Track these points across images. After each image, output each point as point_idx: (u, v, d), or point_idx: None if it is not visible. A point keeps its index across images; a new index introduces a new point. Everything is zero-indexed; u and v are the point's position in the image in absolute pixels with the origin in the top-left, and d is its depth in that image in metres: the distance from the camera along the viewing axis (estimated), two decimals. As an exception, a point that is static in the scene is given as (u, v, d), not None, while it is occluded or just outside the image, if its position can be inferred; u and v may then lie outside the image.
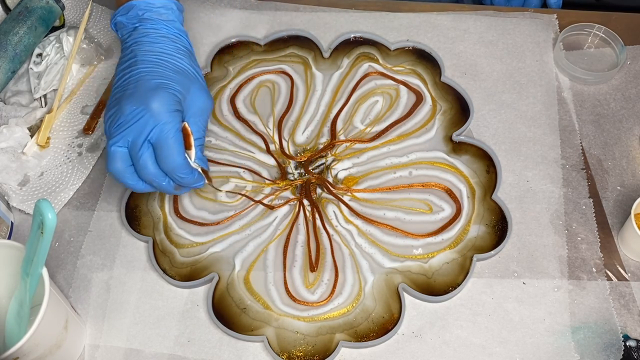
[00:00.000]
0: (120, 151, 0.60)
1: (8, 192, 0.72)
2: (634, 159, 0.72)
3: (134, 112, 0.60)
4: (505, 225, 0.67)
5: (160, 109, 0.60)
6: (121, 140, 0.60)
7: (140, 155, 0.60)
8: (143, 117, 0.59)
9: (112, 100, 0.63)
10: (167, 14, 0.66)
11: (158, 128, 0.60)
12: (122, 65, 0.64)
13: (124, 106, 0.60)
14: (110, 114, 0.62)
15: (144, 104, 0.60)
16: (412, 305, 0.64)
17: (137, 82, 0.62)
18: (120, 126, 0.60)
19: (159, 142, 0.60)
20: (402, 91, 0.77)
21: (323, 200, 0.70)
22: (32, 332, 0.53)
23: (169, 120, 0.60)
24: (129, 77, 0.63)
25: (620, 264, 0.66)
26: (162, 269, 0.66)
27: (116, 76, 0.65)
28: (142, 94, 0.60)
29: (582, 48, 0.81)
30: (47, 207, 0.52)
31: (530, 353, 0.61)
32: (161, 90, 0.61)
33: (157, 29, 0.65)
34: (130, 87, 0.62)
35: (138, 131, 0.60)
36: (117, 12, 0.67)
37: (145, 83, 0.61)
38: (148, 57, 0.63)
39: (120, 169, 0.61)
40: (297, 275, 0.66)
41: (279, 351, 0.62)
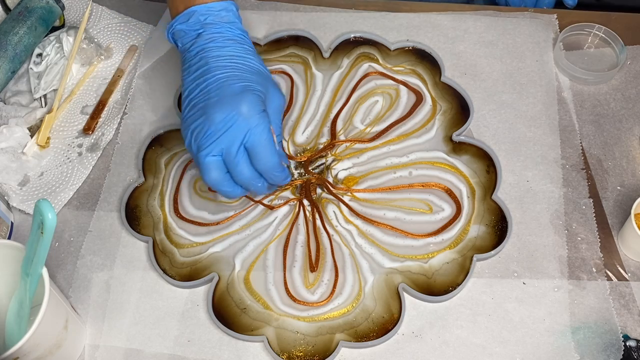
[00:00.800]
0: (215, 160, 0.60)
1: (8, 192, 0.72)
2: (634, 159, 0.72)
3: (225, 120, 0.59)
4: (505, 225, 0.67)
5: (250, 112, 0.60)
6: (215, 150, 0.60)
7: (237, 161, 0.60)
8: (236, 122, 0.59)
9: (192, 111, 0.62)
10: (228, 16, 0.65)
11: (252, 132, 0.60)
12: (194, 74, 0.63)
13: (212, 115, 0.59)
14: (196, 125, 0.61)
15: (235, 109, 0.59)
16: (412, 305, 0.64)
17: (219, 89, 0.61)
18: (211, 135, 0.59)
19: (254, 145, 0.60)
20: (402, 91, 0.77)
21: (323, 200, 0.70)
22: (32, 332, 0.53)
23: (261, 122, 0.60)
24: (207, 85, 0.62)
25: (620, 264, 0.66)
26: (162, 269, 0.66)
27: (187, 86, 0.63)
28: (229, 99, 0.60)
29: (582, 48, 0.81)
30: (47, 207, 0.52)
31: (530, 353, 0.61)
32: (248, 93, 0.60)
33: (221, 33, 0.64)
34: (213, 94, 0.61)
35: (232, 137, 0.59)
36: (175, 21, 0.65)
37: (228, 88, 0.61)
38: (221, 62, 0.63)
39: (218, 178, 0.61)
40: (297, 276, 0.66)
41: (279, 351, 0.62)
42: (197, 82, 0.63)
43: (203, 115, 0.60)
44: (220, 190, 0.62)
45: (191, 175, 0.73)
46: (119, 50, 0.84)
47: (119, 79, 0.81)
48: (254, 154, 0.61)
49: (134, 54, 0.83)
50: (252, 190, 0.63)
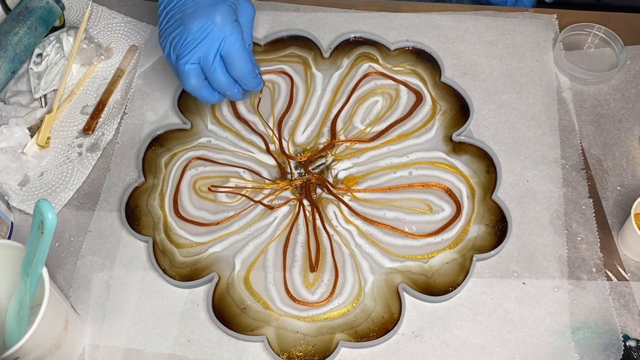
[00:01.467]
0: (193, 68, 0.64)
1: (8, 192, 0.72)
2: (634, 159, 0.72)
3: (201, 29, 0.63)
4: (505, 225, 0.67)
5: (224, 21, 0.64)
6: (193, 57, 0.64)
7: (214, 68, 0.64)
8: (211, 31, 0.63)
9: (169, 22, 0.66)
10: None
11: (227, 40, 0.64)
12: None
13: (189, 24, 0.64)
14: (174, 35, 0.65)
15: (210, 19, 0.63)
16: (412, 305, 0.64)
17: (194, 1, 0.65)
18: (189, 44, 0.64)
19: (230, 52, 0.64)
20: (402, 91, 0.77)
21: (323, 200, 0.70)
22: (32, 332, 0.53)
23: (234, 31, 0.64)
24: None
25: (620, 264, 0.66)
26: (162, 269, 0.66)
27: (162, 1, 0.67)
28: (204, 10, 0.64)
29: (582, 48, 0.81)
30: (47, 207, 0.52)
31: (530, 353, 0.61)
32: (221, 4, 0.64)
33: None
34: (189, 6, 0.65)
35: (209, 46, 0.63)
36: None
37: (202, 0, 0.64)
38: None
39: (196, 85, 0.65)
40: (297, 276, 0.66)
41: (279, 351, 0.62)
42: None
43: (181, 26, 0.64)
44: (199, 96, 0.67)
45: (191, 175, 0.73)
46: (119, 50, 0.84)
47: (119, 79, 0.81)
48: (229, 61, 0.65)
49: (134, 54, 0.83)
50: (228, 96, 0.68)
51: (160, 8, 0.68)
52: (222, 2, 0.65)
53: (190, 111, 0.77)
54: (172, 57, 0.65)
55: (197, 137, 0.75)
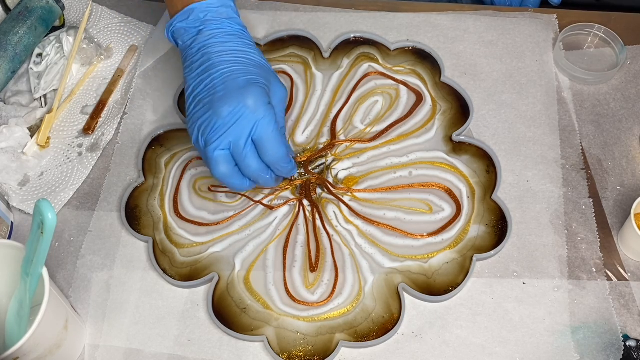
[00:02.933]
0: (223, 154, 0.61)
1: (8, 192, 0.72)
2: (634, 159, 0.72)
3: (232, 113, 0.60)
4: (505, 225, 0.67)
5: (257, 104, 0.60)
6: (223, 143, 0.60)
7: (245, 153, 0.61)
8: (242, 115, 0.60)
9: (198, 107, 0.62)
10: (227, 11, 0.66)
11: (259, 124, 0.60)
12: (197, 71, 0.63)
13: (219, 109, 0.60)
14: (203, 120, 0.61)
15: (241, 102, 0.60)
16: (412, 305, 0.64)
17: (224, 83, 0.61)
18: (219, 129, 0.60)
19: (262, 137, 0.61)
20: (402, 91, 0.77)
21: (323, 200, 0.70)
22: (32, 332, 0.53)
23: (267, 114, 0.61)
24: (211, 80, 0.62)
25: (620, 264, 0.66)
26: (162, 268, 0.66)
27: (190, 83, 0.64)
28: (235, 93, 0.60)
29: (582, 48, 0.81)
30: (47, 207, 0.52)
31: (530, 353, 0.61)
32: (253, 86, 0.61)
33: (222, 28, 0.65)
34: (218, 89, 0.61)
35: (240, 131, 0.60)
36: (174, 19, 0.66)
37: (233, 82, 0.61)
38: (224, 57, 0.63)
39: (226, 172, 0.62)
40: (297, 276, 0.66)
41: (279, 351, 0.62)
42: (201, 77, 0.63)
43: (210, 110, 0.61)
44: (229, 183, 0.63)
45: (191, 175, 0.73)
46: (119, 50, 0.84)
47: (119, 79, 0.81)
48: (261, 146, 0.61)
49: (134, 54, 0.83)
50: (260, 183, 0.64)
51: (188, 92, 0.64)
52: (254, 85, 0.61)
53: (190, 111, 0.77)
54: (201, 142, 0.62)
55: (197, 137, 0.75)
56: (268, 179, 0.64)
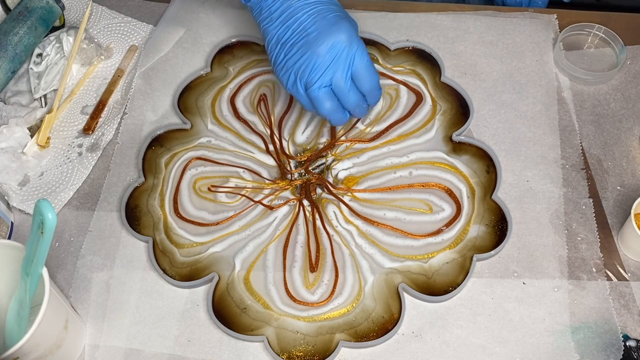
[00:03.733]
0: (326, 91, 0.63)
1: (8, 192, 0.72)
2: (634, 159, 0.72)
3: (330, 50, 0.62)
4: (505, 225, 0.67)
5: (351, 37, 0.62)
6: (325, 80, 0.63)
7: (347, 87, 0.63)
8: (340, 50, 0.62)
9: (291, 51, 0.64)
10: None
11: (356, 56, 0.63)
12: (279, 19, 0.65)
13: (317, 48, 0.62)
14: (301, 63, 0.63)
15: (337, 38, 0.62)
16: (412, 305, 0.64)
17: (315, 24, 0.63)
18: (319, 68, 0.62)
19: (359, 68, 0.63)
20: (402, 91, 0.77)
21: (323, 200, 0.70)
22: (32, 332, 0.53)
23: (360, 46, 0.63)
24: (299, 24, 0.64)
25: (620, 264, 0.66)
26: (162, 269, 0.66)
27: (273, 31, 0.65)
28: (328, 30, 0.62)
29: (582, 48, 0.81)
30: (47, 207, 0.52)
31: (530, 353, 0.61)
32: (343, 21, 0.63)
33: None
34: (310, 29, 0.63)
35: (340, 66, 0.62)
36: None
37: (323, 21, 0.63)
38: (304, 1, 0.64)
39: (332, 107, 0.64)
40: (297, 276, 0.66)
41: (279, 351, 0.62)
42: (286, 24, 0.65)
43: (308, 52, 0.63)
44: (334, 118, 0.65)
45: (191, 175, 0.73)
46: (119, 50, 0.84)
47: (119, 79, 0.81)
48: (359, 77, 0.64)
49: (134, 54, 0.83)
50: (356, 113, 0.66)
51: (273, 41, 0.66)
52: (344, 19, 0.63)
53: (190, 111, 0.77)
54: (300, 86, 0.64)
55: (197, 137, 0.75)
56: (364, 109, 0.67)
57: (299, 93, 0.65)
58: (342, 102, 0.65)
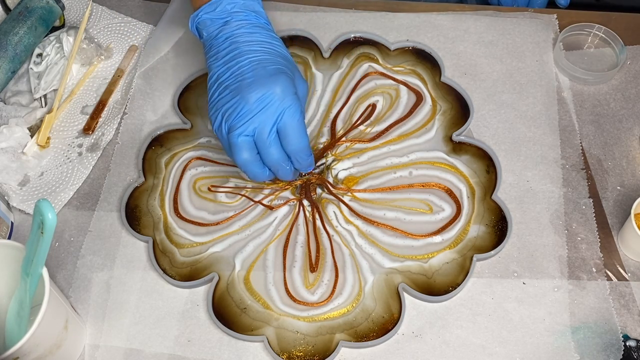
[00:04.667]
0: (247, 140, 0.61)
1: (8, 192, 0.72)
2: (634, 159, 0.72)
3: (260, 99, 0.60)
4: (505, 225, 0.67)
5: (285, 92, 0.61)
6: (248, 129, 0.61)
7: (269, 141, 0.61)
8: (270, 102, 0.60)
9: (224, 93, 0.63)
10: (253, 4, 0.67)
11: (285, 112, 0.61)
12: (223, 59, 0.64)
13: (247, 95, 0.61)
14: (229, 106, 0.62)
15: (270, 90, 0.60)
16: (412, 305, 0.64)
17: (253, 71, 0.62)
18: (245, 115, 0.60)
19: (287, 125, 0.61)
20: (402, 91, 0.77)
21: (323, 200, 0.70)
22: (32, 332, 0.53)
23: (294, 103, 0.61)
24: (239, 68, 0.63)
25: (620, 264, 0.66)
26: (162, 268, 0.66)
27: (215, 70, 0.65)
28: (264, 80, 0.61)
29: (582, 48, 0.81)
30: (47, 207, 0.52)
31: (530, 353, 0.61)
32: (282, 75, 0.62)
33: (249, 20, 0.66)
34: (247, 75, 0.62)
35: (266, 117, 0.60)
36: (200, 10, 0.67)
37: (262, 70, 0.62)
38: (252, 47, 0.64)
39: (248, 159, 0.62)
40: (297, 276, 0.66)
41: (279, 351, 0.62)
42: (228, 65, 0.64)
43: (237, 96, 0.61)
44: (250, 171, 0.63)
45: (191, 175, 0.73)
46: (119, 50, 0.84)
47: (119, 79, 0.81)
48: (285, 135, 0.61)
49: (134, 54, 0.83)
50: (279, 173, 0.64)
51: (213, 79, 0.65)
52: (283, 73, 0.62)
53: (190, 111, 0.77)
54: (224, 128, 0.62)
55: (197, 137, 0.75)
56: (287, 170, 0.64)
57: (222, 136, 0.63)
58: (262, 157, 0.62)
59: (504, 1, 0.87)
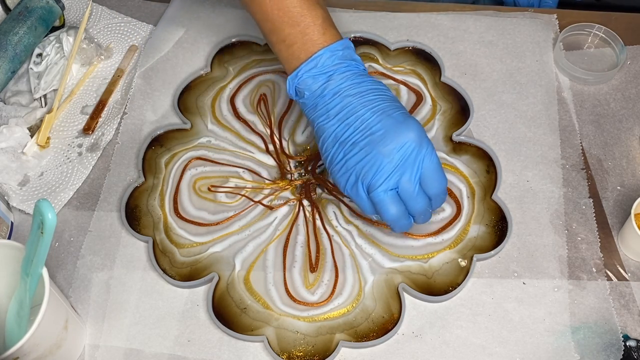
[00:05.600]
0: (392, 195, 0.58)
1: (8, 192, 0.72)
2: (634, 159, 0.72)
3: (400, 150, 0.57)
4: (505, 225, 0.67)
5: (421, 137, 0.58)
6: (391, 183, 0.58)
7: (417, 192, 0.58)
8: (412, 151, 0.58)
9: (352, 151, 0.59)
10: (350, 53, 0.63)
11: (426, 157, 0.58)
12: (337, 116, 0.60)
13: (383, 148, 0.58)
14: (365, 163, 0.58)
15: (407, 138, 0.58)
16: (412, 305, 0.64)
17: (380, 122, 0.59)
18: (385, 170, 0.58)
19: (429, 171, 0.58)
20: (402, 91, 0.77)
21: (323, 200, 0.70)
22: (32, 332, 0.53)
23: (430, 146, 0.59)
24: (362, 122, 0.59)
25: (620, 264, 0.66)
26: (162, 268, 0.66)
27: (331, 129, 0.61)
28: (398, 130, 0.58)
29: (582, 48, 0.81)
30: (47, 207, 0.52)
31: (530, 353, 0.61)
32: (411, 120, 0.59)
33: (351, 70, 0.62)
34: (375, 128, 0.59)
35: (409, 168, 0.58)
36: (299, 70, 0.61)
37: (389, 119, 0.59)
38: (367, 97, 0.60)
39: (397, 213, 0.59)
40: (297, 276, 0.66)
41: (279, 351, 0.62)
42: (346, 122, 0.60)
43: (372, 151, 0.58)
44: (399, 224, 0.60)
45: (191, 175, 0.73)
46: (119, 50, 0.84)
47: (119, 79, 0.81)
48: (428, 180, 0.59)
49: (134, 54, 0.83)
50: (420, 220, 0.61)
51: (330, 139, 0.61)
52: (411, 117, 0.59)
53: (190, 111, 0.77)
54: (361, 187, 0.59)
55: (197, 137, 0.75)
56: (429, 214, 0.61)
57: (359, 196, 0.60)
58: (407, 207, 0.59)
59: (520, 0, 0.87)
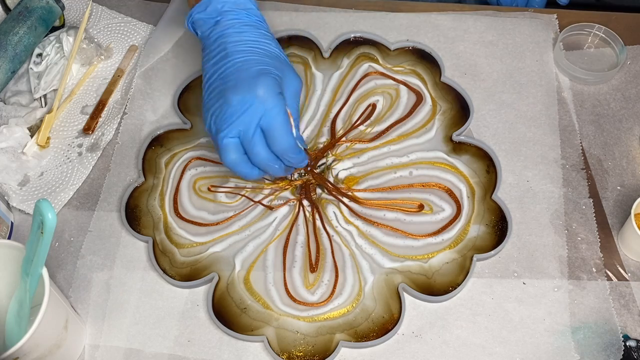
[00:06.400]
0: (232, 142, 0.62)
1: (8, 192, 0.72)
2: (634, 159, 0.72)
3: (242, 102, 0.61)
4: (505, 225, 0.67)
5: (267, 94, 0.61)
6: (233, 131, 0.61)
7: (254, 142, 0.62)
8: (252, 104, 0.61)
9: (211, 95, 0.64)
10: (244, 2, 0.67)
11: (268, 113, 0.61)
12: (213, 60, 0.65)
13: (230, 97, 0.61)
14: (215, 108, 0.63)
15: (251, 92, 0.61)
16: (412, 305, 0.64)
17: (237, 72, 0.63)
18: (229, 118, 0.61)
19: (270, 126, 0.61)
20: (402, 91, 0.77)
21: (323, 200, 0.70)
22: (32, 332, 0.53)
23: (277, 104, 0.61)
24: (225, 70, 0.64)
25: (620, 264, 0.66)
26: (162, 268, 0.66)
27: (207, 72, 0.65)
28: (246, 82, 0.62)
29: (582, 48, 0.81)
30: (47, 207, 0.52)
31: (530, 353, 0.61)
32: (264, 76, 0.62)
33: (239, 19, 0.66)
34: (231, 78, 0.63)
35: (249, 119, 0.61)
36: (193, 10, 0.67)
37: (245, 72, 0.63)
38: (239, 47, 0.64)
39: (235, 160, 0.62)
40: (297, 276, 0.66)
41: (279, 351, 0.62)
42: (216, 67, 0.64)
43: (221, 99, 0.62)
44: (238, 171, 0.63)
45: (191, 175, 0.73)
46: (119, 50, 0.84)
47: (119, 79, 0.81)
48: (269, 136, 0.62)
49: (134, 54, 0.83)
50: (269, 172, 0.64)
51: (204, 80, 0.66)
52: (266, 74, 0.62)
53: (190, 111, 0.77)
54: (213, 129, 0.63)
55: (197, 137, 0.75)
56: (277, 169, 0.64)
57: (212, 137, 0.64)
58: (249, 157, 0.63)
59: (503, 0, 0.87)
